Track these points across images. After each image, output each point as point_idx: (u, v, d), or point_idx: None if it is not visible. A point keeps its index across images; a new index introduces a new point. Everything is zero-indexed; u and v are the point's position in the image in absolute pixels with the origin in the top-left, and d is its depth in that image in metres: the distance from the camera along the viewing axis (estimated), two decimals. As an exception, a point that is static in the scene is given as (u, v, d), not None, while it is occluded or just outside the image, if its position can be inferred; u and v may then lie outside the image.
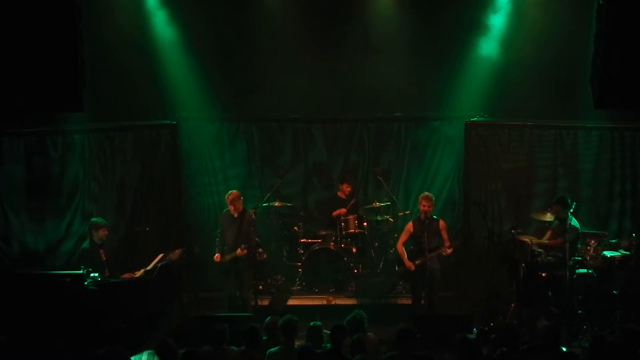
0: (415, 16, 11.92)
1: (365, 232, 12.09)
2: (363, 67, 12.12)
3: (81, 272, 9.41)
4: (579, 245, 10.57)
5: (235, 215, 10.76)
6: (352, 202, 12.14)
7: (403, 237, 10.82)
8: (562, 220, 10.34)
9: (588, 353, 7.39)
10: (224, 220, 10.91)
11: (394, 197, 12.33)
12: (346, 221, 11.93)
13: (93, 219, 10.55)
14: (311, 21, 12.04)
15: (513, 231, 10.66)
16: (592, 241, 10.59)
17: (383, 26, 12.00)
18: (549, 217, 10.84)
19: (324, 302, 11.42)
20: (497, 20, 11.92)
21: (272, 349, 7.60)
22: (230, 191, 10.98)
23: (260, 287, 11.46)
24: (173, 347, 7.25)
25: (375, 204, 12.21)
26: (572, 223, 10.21)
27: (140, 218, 12.09)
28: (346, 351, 7.39)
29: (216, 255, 10.75)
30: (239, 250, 10.56)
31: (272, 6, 11.99)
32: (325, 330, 7.84)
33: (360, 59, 12.13)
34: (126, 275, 10.25)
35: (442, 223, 10.72)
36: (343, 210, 12.02)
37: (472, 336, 8.55)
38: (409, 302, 11.05)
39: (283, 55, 12.09)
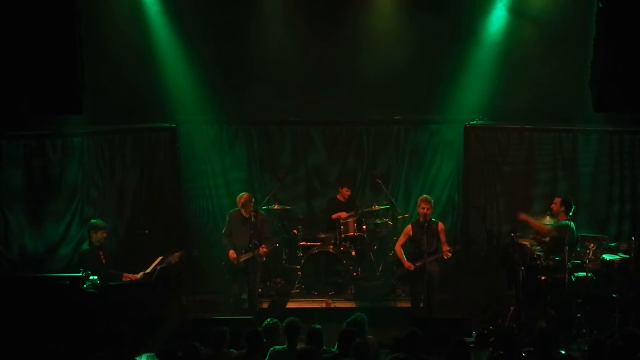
0: (415, 19, 11.91)
1: (365, 235, 12.07)
2: (362, 70, 12.12)
3: (80, 274, 9.41)
4: (578, 249, 10.58)
5: (247, 215, 10.77)
6: (353, 214, 12.07)
7: (401, 239, 10.85)
8: (558, 218, 10.43)
9: (588, 356, 7.39)
10: (234, 220, 10.93)
11: (393, 200, 12.33)
12: (345, 224, 11.91)
13: (92, 221, 10.54)
14: (310, 24, 12.03)
15: (512, 234, 10.66)
16: (591, 244, 10.58)
17: (382, 29, 11.99)
18: (548, 220, 10.84)
19: (323, 305, 11.39)
20: (497, 23, 11.93)
21: (277, 347, 7.60)
22: (241, 194, 11.02)
23: (260, 290, 11.46)
24: (174, 352, 7.23)
25: (375, 207, 12.21)
26: (566, 222, 10.27)
27: (139, 221, 12.08)
28: None
29: (231, 252, 10.72)
30: (262, 249, 10.59)
31: (271, 9, 11.99)
32: None
33: (360, 62, 12.13)
34: (128, 275, 10.23)
35: (440, 225, 10.73)
36: (344, 214, 12.02)
37: (471, 339, 8.59)
38: (408, 305, 11.04)
39: (282, 58, 12.07)
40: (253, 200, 11.00)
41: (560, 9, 11.48)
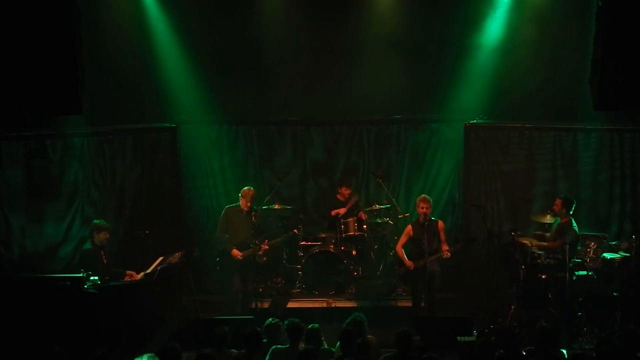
0: (414, 18, 11.91)
1: (365, 235, 12.06)
2: (362, 69, 12.11)
3: (81, 275, 9.41)
4: (579, 248, 10.58)
5: (246, 210, 10.83)
6: (352, 204, 12.09)
7: (402, 239, 10.85)
8: (561, 218, 10.38)
9: (595, 356, 7.38)
10: (233, 215, 10.97)
11: (393, 199, 12.32)
12: (346, 224, 11.91)
13: (95, 221, 10.53)
14: (310, 23, 12.04)
15: (513, 233, 10.66)
16: (592, 243, 10.59)
17: (382, 28, 11.97)
18: (548, 219, 10.86)
19: (324, 305, 11.40)
20: (496, 23, 11.93)
21: (279, 346, 7.59)
22: (247, 187, 11.07)
23: (260, 289, 11.47)
24: (177, 351, 7.22)
25: (375, 206, 12.20)
26: (570, 224, 10.27)
27: (139, 221, 12.06)
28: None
29: (234, 251, 10.78)
30: (264, 246, 10.77)
31: (271, 9, 11.99)
32: None
33: (359, 61, 12.13)
34: (131, 272, 10.23)
35: (441, 224, 10.73)
36: (342, 210, 12.01)
37: (472, 338, 8.58)
38: (409, 304, 11.04)
39: (282, 58, 12.07)
40: None
41: (560, 8, 11.48)
